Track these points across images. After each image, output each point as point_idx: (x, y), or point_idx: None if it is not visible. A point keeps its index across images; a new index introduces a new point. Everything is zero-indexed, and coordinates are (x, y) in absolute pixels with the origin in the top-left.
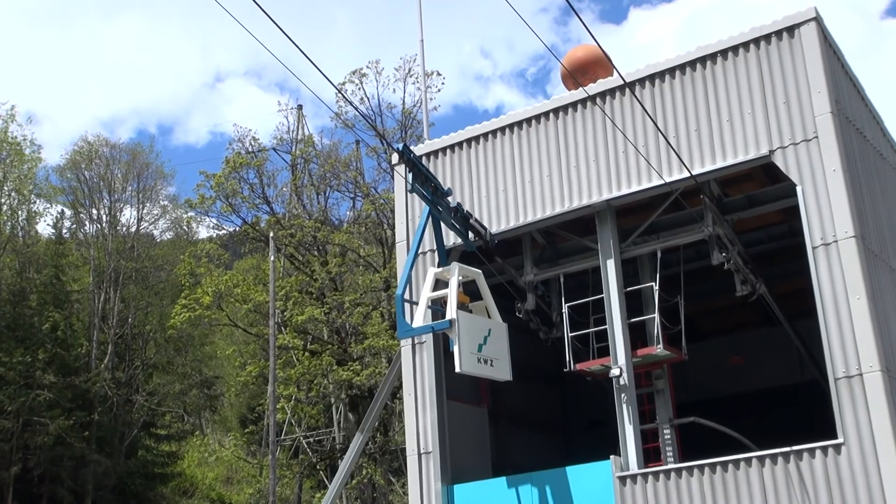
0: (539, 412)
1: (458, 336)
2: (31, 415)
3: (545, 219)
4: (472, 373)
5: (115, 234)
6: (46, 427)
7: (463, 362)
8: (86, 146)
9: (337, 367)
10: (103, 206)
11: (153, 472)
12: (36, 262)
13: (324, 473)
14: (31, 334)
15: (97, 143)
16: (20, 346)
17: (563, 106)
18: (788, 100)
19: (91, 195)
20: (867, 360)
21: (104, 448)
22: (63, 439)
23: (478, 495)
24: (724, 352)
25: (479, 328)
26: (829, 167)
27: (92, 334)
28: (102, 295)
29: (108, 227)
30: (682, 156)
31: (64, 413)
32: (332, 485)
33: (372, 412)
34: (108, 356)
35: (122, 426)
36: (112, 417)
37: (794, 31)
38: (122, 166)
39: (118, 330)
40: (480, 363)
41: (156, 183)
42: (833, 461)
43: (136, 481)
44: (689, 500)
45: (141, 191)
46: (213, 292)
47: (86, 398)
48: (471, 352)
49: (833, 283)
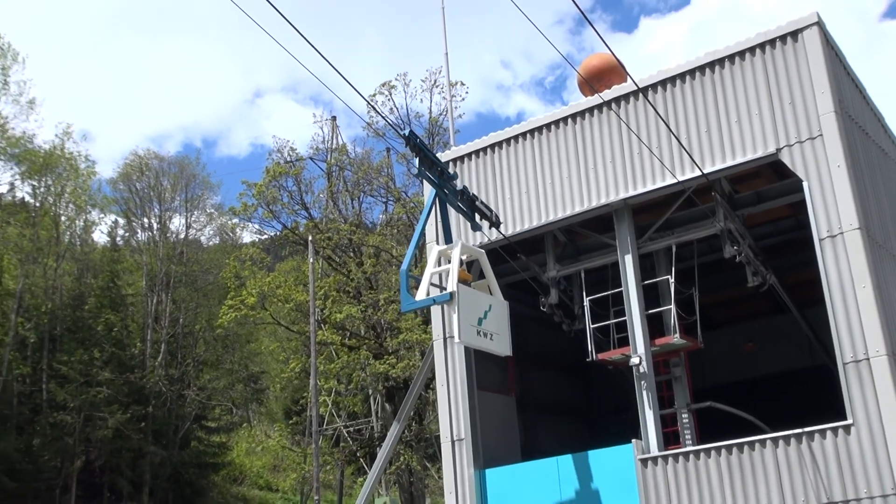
0: (564, 400)
1: (458, 308)
2: (92, 410)
3: (566, 218)
4: (471, 344)
5: (166, 240)
6: (106, 421)
7: (462, 333)
8: (136, 160)
9: (374, 361)
10: (154, 214)
11: (205, 461)
12: (93, 268)
13: (363, 460)
14: (89, 335)
15: (147, 156)
16: (80, 346)
17: (580, 111)
18: (794, 100)
19: (142, 205)
20: (874, 345)
21: (159, 440)
22: (121, 432)
23: (508, 479)
24: (738, 339)
25: (479, 303)
26: (834, 163)
27: (146, 334)
28: (155, 297)
29: (159, 234)
30: (693, 155)
31: (122, 408)
32: (371, 471)
33: (407, 402)
34: (161, 354)
35: (176, 419)
36: (166, 411)
37: (797, 36)
38: (171, 178)
39: (170, 330)
40: (480, 336)
41: (202, 192)
42: (843, 441)
43: (189, 470)
44: (708, 480)
45: (188, 200)
46: (257, 293)
47: (141, 394)
48: (470, 324)
49: (840, 272)
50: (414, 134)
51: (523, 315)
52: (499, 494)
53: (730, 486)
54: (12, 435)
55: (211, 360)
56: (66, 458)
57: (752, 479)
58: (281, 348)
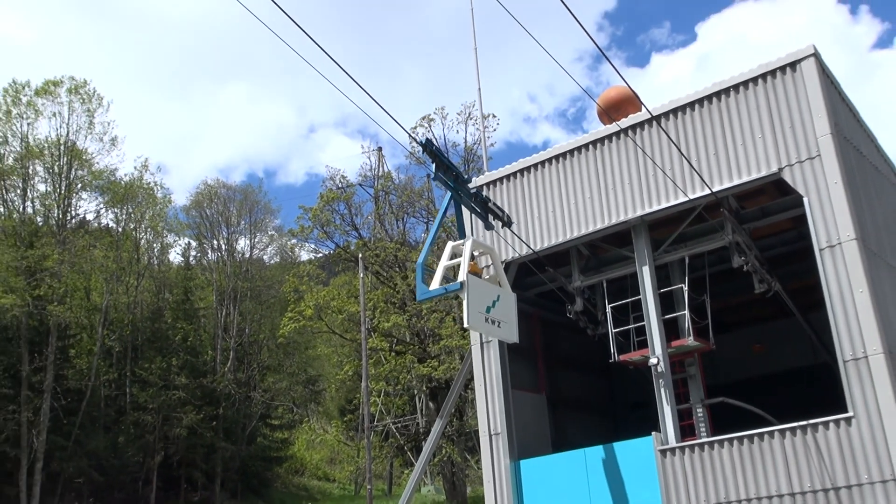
0: (589, 397)
1: (467, 296)
2: (169, 411)
3: (588, 234)
4: (478, 330)
5: (233, 259)
6: (182, 421)
7: (470, 319)
8: (206, 188)
9: (418, 364)
10: (222, 237)
11: (270, 455)
12: (169, 285)
13: (410, 453)
14: (167, 345)
15: (216, 185)
16: (158, 354)
17: (599, 138)
18: (793, 124)
19: (212, 228)
20: (871, 344)
21: (229, 437)
22: (195, 430)
23: (540, 469)
24: (747, 341)
25: (488, 293)
26: (832, 180)
27: (216, 343)
28: (224, 310)
29: (227, 254)
30: (703, 176)
31: (195, 409)
32: (417, 462)
33: (449, 401)
34: (230, 361)
35: (243, 418)
36: (235, 411)
37: (796, 66)
38: (237, 204)
39: (237, 339)
40: (488, 323)
41: (264, 217)
42: (845, 432)
43: (256, 464)
44: (721, 468)
45: (252, 224)
46: (313, 305)
47: (213, 396)
48: (479, 311)
49: (839, 279)
50: (430, 141)
51: (551, 321)
52: (532, 483)
53: (741, 473)
54: (100, 434)
55: (274, 365)
56: (147, 453)
57: (761, 467)
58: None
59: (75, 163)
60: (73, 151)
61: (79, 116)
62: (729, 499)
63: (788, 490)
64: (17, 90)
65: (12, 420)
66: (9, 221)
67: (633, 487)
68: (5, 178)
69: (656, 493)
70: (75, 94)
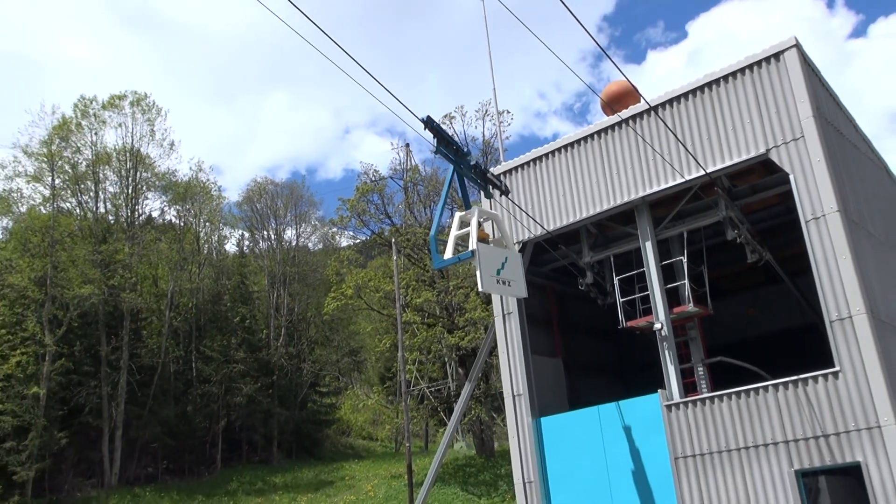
0: (601, 360)
1: (479, 263)
2: (230, 382)
3: (595, 214)
4: (492, 291)
5: (281, 248)
6: (241, 390)
7: (484, 283)
8: (256, 186)
9: (447, 335)
10: (271, 228)
11: (319, 419)
12: (226, 272)
13: (443, 414)
14: (226, 324)
15: (264, 183)
16: (219, 333)
17: (603, 128)
18: (779, 109)
19: (262, 221)
20: (855, 306)
21: (283, 403)
22: (254, 398)
23: (559, 425)
24: (741, 306)
25: (496, 256)
26: (815, 159)
27: (269, 321)
28: (275, 292)
29: (276, 243)
30: (698, 158)
31: (253, 380)
32: (450, 422)
33: (476, 366)
34: (282, 336)
35: (295, 387)
36: (287, 381)
37: (779, 57)
38: (283, 198)
39: (288, 317)
40: (499, 284)
41: (308, 209)
42: (833, 385)
43: (307, 426)
44: (721, 420)
45: (297, 215)
46: (353, 286)
47: (268, 368)
48: (490, 275)
49: (824, 247)
50: (431, 119)
51: (565, 293)
52: (552, 438)
53: (739, 424)
54: (171, 404)
55: (320, 339)
56: (212, 420)
57: (757, 418)
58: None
59: (140, 166)
60: (138, 156)
61: (141, 125)
62: (729, 447)
63: (783, 438)
64: (86, 104)
65: (94, 394)
66: (84, 221)
67: (642, 439)
68: (80, 182)
69: (663, 444)
70: (137, 106)
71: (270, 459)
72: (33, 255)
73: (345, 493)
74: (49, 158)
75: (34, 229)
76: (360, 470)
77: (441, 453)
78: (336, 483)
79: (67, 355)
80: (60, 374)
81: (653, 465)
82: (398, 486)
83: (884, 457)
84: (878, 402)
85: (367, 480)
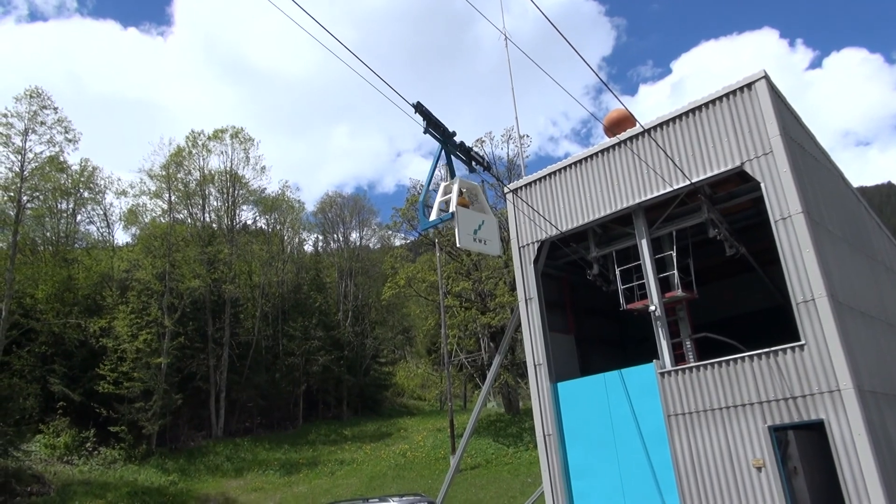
0: (606, 335)
1: (457, 222)
2: (309, 355)
3: (600, 218)
4: (468, 248)
5: (348, 247)
6: (318, 361)
7: (461, 240)
8: (328, 199)
9: (481, 316)
10: (340, 232)
11: (379, 383)
12: (305, 267)
13: (478, 379)
14: (305, 308)
15: (334, 196)
16: (300, 316)
17: (605, 148)
18: (751, 129)
19: (332, 226)
20: (817, 290)
21: (351, 371)
22: (328, 368)
23: (572, 389)
24: (721, 291)
25: (474, 219)
26: (782, 169)
27: (339, 306)
28: (343, 283)
29: (344, 243)
30: (684, 170)
31: (327, 353)
32: (483, 386)
33: (504, 341)
34: (349, 318)
35: (360, 358)
36: (354, 353)
37: (751, 86)
38: (349, 208)
39: (354, 303)
40: (476, 242)
41: (368, 217)
42: (799, 356)
43: (370, 390)
44: (706, 385)
45: (360, 221)
46: (405, 277)
47: (339, 343)
48: (467, 233)
49: (790, 242)
50: (420, 104)
51: (576, 282)
52: (567, 399)
53: (721, 389)
54: (263, 372)
55: (379, 320)
56: (295, 385)
57: (736, 382)
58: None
59: (237, 185)
60: (235, 177)
61: (238, 153)
62: (712, 406)
63: (757, 399)
64: (195, 137)
65: (203, 364)
66: (194, 228)
67: (639, 401)
68: (190, 198)
69: (658, 405)
70: (235, 138)
71: (341, 416)
72: (155, 256)
73: (400, 443)
74: (167, 180)
75: (155, 235)
76: (412, 424)
77: (477, 411)
78: (393, 434)
79: (182, 334)
80: (177, 349)
81: (649, 422)
82: (442, 438)
83: (843, 415)
84: (837, 370)
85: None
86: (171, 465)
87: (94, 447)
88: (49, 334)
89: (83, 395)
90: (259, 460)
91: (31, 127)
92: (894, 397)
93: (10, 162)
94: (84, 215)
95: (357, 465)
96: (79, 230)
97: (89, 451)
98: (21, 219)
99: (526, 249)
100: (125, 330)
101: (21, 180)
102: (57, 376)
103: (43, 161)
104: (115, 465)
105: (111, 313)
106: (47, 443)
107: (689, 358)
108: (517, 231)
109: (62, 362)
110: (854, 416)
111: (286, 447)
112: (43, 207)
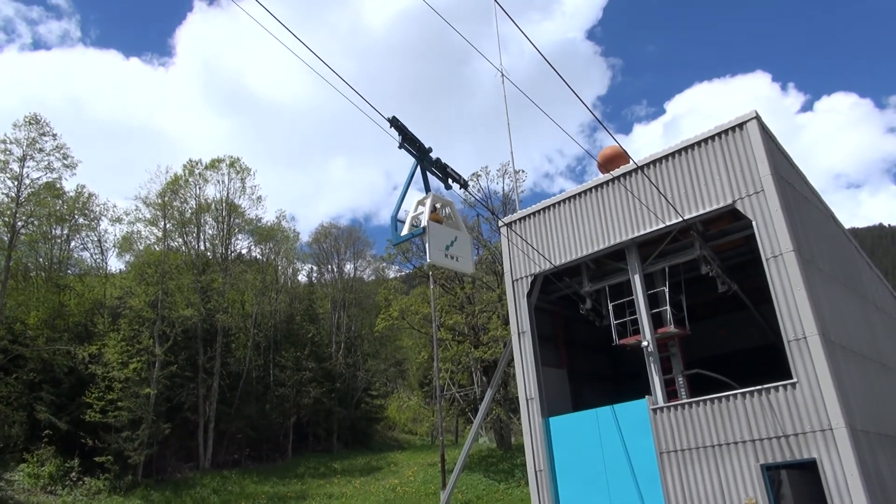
0: (598, 371)
1: (429, 237)
2: (300, 386)
3: (593, 252)
4: (439, 264)
5: (342, 278)
6: (309, 393)
7: (432, 255)
8: (323, 229)
9: (473, 349)
10: (334, 263)
11: (371, 416)
12: (298, 297)
13: (469, 413)
14: (297, 339)
15: (329, 227)
16: (292, 346)
17: (600, 184)
18: (743, 168)
19: (327, 257)
20: (809, 328)
21: (342, 404)
22: (319, 400)
23: (564, 424)
24: (714, 327)
25: (446, 235)
26: (773, 208)
27: (332, 337)
28: (336, 314)
29: (338, 275)
30: (676, 208)
31: (318, 384)
32: (475, 420)
33: (496, 375)
34: (342, 350)
35: (352, 390)
36: (346, 385)
37: (743, 126)
38: (344, 240)
39: (346, 334)
40: (447, 258)
41: (363, 248)
42: (791, 394)
43: (361, 423)
44: (698, 422)
45: (355, 253)
46: (398, 309)
47: (330, 375)
48: (439, 249)
49: (782, 280)
50: (396, 118)
51: (569, 316)
52: (559, 435)
53: (713, 425)
54: (253, 403)
55: (372, 352)
56: (285, 416)
57: (728, 420)
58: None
59: (233, 214)
60: (231, 206)
61: (234, 182)
62: (705, 444)
63: (749, 437)
64: (192, 166)
65: (192, 394)
66: (188, 256)
67: (632, 437)
68: (186, 226)
69: (650, 441)
70: (232, 167)
71: (331, 449)
72: (148, 284)
73: (390, 477)
74: (162, 207)
75: (149, 263)
76: (403, 458)
77: (468, 446)
78: (383, 469)
79: (172, 363)
80: (167, 378)
81: (641, 459)
82: (433, 472)
83: (835, 454)
84: (829, 409)
85: (409, 467)
86: (157, 496)
87: (79, 477)
88: (38, 361)
89: (70, 424)
90: (247, 493)
91: (30, 153)
92: (887, 437)
93: (6, 187)
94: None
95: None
96: (72, 256)
97: (73, 482)
98: (15, 244)
99: (519, 283)
100: (115, 357)
101: (17, 205)
102: (44, 404)
103: (39, 187)
104: (99, 495)
105: (102, 340)
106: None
107: (682, 394)
108: (511, 264)
109: (50, 389)
110: (847, 456)
111: (274, 480)
112: (37, 233)
